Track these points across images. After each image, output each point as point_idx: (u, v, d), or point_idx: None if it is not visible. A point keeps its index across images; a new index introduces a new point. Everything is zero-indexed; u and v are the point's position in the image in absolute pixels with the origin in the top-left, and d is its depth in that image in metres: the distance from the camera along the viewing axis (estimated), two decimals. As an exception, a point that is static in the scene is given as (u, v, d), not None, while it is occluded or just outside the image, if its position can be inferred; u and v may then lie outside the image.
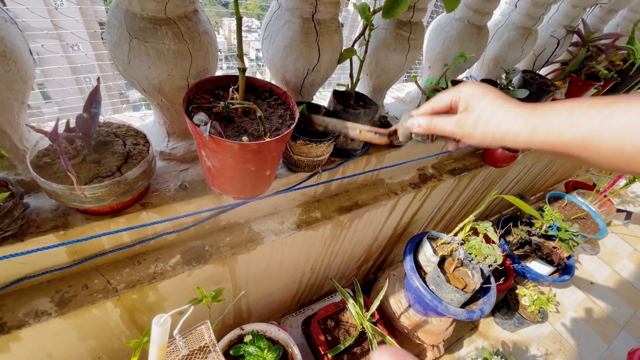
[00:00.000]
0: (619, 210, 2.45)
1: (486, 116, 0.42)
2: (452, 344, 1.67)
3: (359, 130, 0.60)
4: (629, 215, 2.48)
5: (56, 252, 0.62)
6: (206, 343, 0.71)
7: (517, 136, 0.40)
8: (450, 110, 0.48)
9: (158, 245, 0.76)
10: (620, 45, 1.36)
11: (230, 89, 0.64)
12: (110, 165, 0.59)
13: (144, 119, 0.85)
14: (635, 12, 1.61)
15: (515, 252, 1.80)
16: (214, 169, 0.64)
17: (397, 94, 1.31)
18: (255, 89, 0.72)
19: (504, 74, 1.17)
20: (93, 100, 0.60)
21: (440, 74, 0.99)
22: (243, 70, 0.59)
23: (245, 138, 0.59)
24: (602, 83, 1.43)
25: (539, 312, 1.66)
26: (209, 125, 0.55)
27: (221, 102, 0.60)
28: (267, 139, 0.59)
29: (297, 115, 0.66)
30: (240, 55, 0.57)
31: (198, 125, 0.56)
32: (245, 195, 0.71)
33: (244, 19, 0.55)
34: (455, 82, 1.10)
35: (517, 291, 1.72)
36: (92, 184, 0.56)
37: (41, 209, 0.62)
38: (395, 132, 0.56)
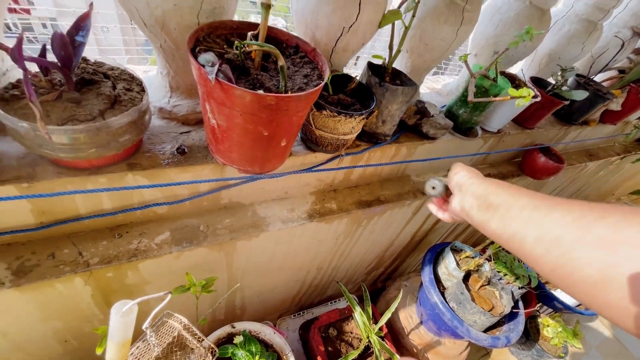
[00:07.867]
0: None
1: (462, 202, 0.49)
2: (461, 369, 1.51)
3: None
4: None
5: (19, 208, 0.51)
6: (189, 341, 0.59)
7: (480, 226, 0.46)
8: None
9: (145, 218, 0.65)
10: (692, 56, 1.20)
11: (249, 34, 0.52)
12: (92, 108, 0.48)
13: (147, 72, 0.74)
14: None
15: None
16: (219, 130, 0.52)
17: (432, 84, 1.18)
18: (279, 43, 0.60)
19: (560, 71, 1.03)
20: (80, 28, 0.49)
21: (490, 63, 0.85)
22: (267, 6, 0.47)
23: (261, 92, 0.47)
24: (663, 97, 1.27)
25: (562, 346, 1.49)
26: (216, 67, 0.43)
27: (235, 42, 0.48)
28: (289, 95, 0.47)
29: (326, 76, 0.53)
30: (266, -15, 0.45)
31: (203, 66, 0.45)
32: (253, 168, 0.59)
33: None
34: (503, 74, 0.97)
35: (539, 320, 1.56)
36: (65, 126, 0.45)
37: (6, 155, 0.51)
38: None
